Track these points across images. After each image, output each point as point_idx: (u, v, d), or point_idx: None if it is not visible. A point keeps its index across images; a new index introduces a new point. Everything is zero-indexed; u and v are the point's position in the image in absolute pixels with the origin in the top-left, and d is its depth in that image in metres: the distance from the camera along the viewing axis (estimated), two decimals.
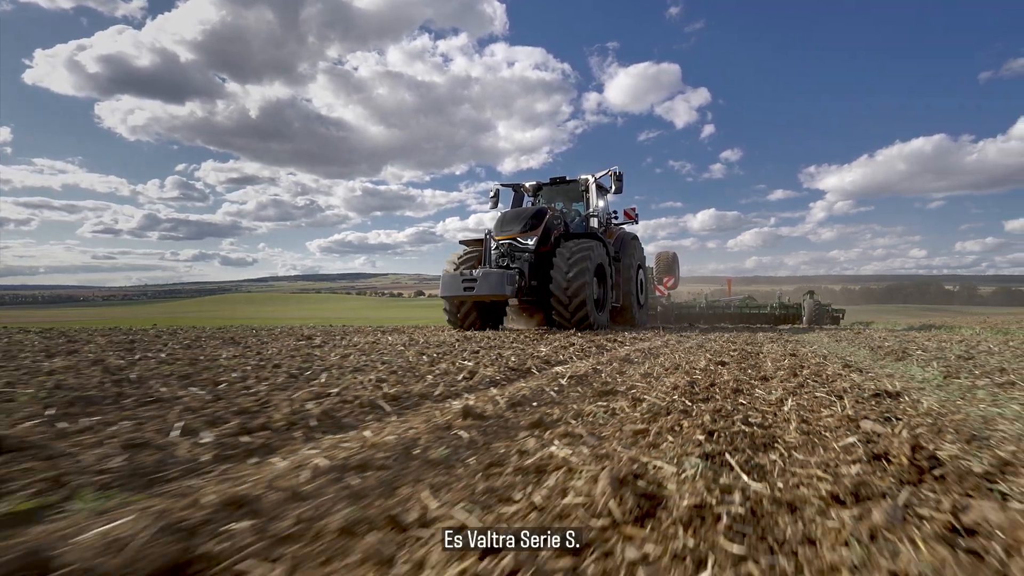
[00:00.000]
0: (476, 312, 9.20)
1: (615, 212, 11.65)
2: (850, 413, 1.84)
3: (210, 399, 2.13)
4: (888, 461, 1.27)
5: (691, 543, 0.83)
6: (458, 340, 6.03)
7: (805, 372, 3.11)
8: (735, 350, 4.90)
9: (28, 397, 2.08)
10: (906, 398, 2.25)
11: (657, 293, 17.94)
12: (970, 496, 1.03)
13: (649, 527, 0.90)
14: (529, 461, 1.31)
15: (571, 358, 4.05)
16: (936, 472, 1.18)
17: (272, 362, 3.52)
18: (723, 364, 3.56)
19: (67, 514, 1.02)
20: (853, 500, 1.04)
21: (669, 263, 18.78)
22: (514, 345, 5.19)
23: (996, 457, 1.29)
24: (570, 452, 1.36)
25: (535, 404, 2.15)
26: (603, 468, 1.16)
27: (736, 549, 0.82)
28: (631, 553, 0.81)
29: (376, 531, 0.92)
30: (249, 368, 3.20)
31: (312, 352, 4.38)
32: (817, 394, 2.29)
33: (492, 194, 11.43)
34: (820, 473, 1.19)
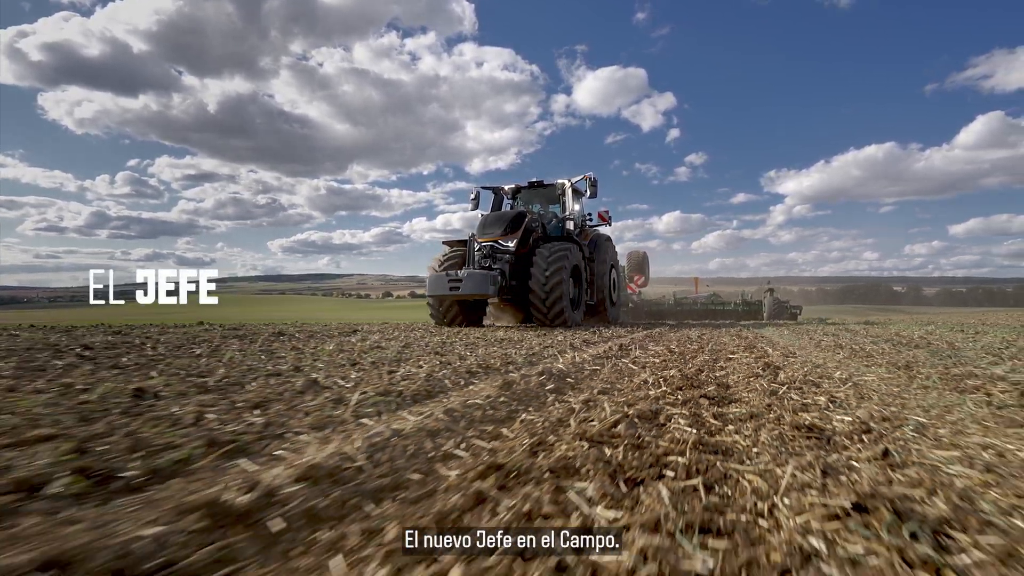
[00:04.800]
0: (459, 310, 9.82)
1: (589, 214, 12.13)
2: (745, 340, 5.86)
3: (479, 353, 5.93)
4: (744, 339, 5.26)
5: (711, 356, 4.75)
6: (519, 334, 9.82)
7: (732, 331, 7.15)
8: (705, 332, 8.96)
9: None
10: (764, 336, 6.27)
11: (628, 291, 18.22)
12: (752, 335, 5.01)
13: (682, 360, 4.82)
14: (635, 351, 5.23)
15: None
16: (753, 341, 5.15)
17: (506, 341, 7.28)
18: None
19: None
20: (736, 339, 5.00)
21: (639, 262, 19.22)
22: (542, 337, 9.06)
23: (771, 340, 5.30)
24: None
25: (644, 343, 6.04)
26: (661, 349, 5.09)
27: (731, 343, 4.76)
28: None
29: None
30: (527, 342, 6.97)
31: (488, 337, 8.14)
32: (733, 334, 6.30)
33: (473, 196, 11.86)
34: (729, 341, 5.16)
